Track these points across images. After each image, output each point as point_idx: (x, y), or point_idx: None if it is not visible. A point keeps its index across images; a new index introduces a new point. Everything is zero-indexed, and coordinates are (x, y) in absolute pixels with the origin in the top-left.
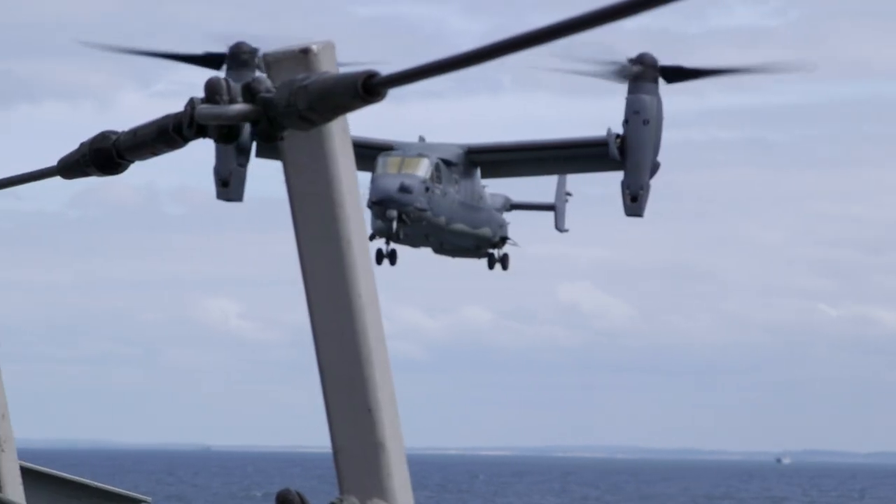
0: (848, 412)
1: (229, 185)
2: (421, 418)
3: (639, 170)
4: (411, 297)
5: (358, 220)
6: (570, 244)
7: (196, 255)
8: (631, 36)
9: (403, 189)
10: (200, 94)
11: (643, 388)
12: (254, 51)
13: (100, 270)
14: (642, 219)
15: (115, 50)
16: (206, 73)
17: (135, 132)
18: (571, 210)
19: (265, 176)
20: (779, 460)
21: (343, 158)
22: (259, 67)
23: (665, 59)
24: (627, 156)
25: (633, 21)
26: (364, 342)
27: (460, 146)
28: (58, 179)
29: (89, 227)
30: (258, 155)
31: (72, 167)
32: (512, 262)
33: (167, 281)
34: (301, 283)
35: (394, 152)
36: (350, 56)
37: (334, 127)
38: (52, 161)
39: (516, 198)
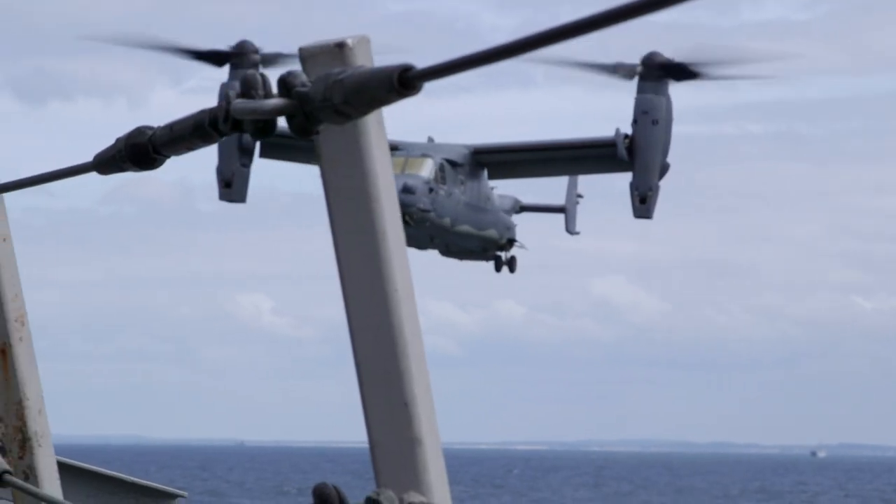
0: (883, 405)
1: (232, 185)
2: (455, 413)
3: (648, 171)
4: (444, 291)
5: (393, 213)
6: (602, 239)
7: (229, 250)
8: (661, 30)
9: (406, 190)
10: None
11: (677, 382)
12: (257, 50)
13: (133, 267)
14: (675, 213)
15: (117, 43)
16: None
17: (171, 127)
18: (604, 204)
19: (306, 174)
20: (814, 454)
21: (378, 152)
22: (259, 65)
23: (695, 54)
24: (636, 157)
25: (663, 15)
26: (400, 336)
27: (466, 146)
28: (90, 176)
29: (122, 223)
30: (262, 155)
31: (107, 162)
32: (543, 256)
33: (201, 277)
34: (337, 277)
35: (397, 153)
36: (382, 51)
37: (370, 121)
38: (85, 157)
39: (526, 199)
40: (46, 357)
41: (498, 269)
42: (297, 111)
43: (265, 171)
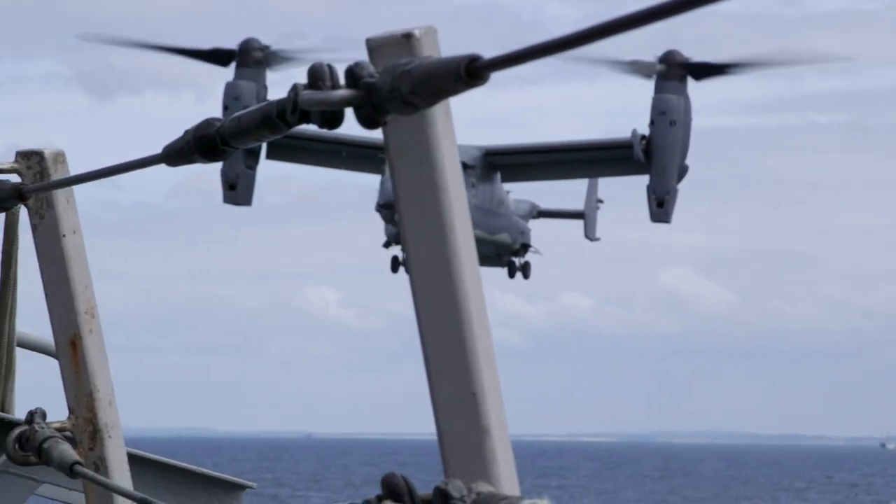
0: None
1: (237, 188)
2: (521, 405)
3: (665, 173)
4: (511, 284)
5: (461, 205)
6: (669, 230)
7: (297, 243)
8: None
9: None
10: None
11: (744, 374)
12: (264, 48)
13: (200, 260)
14: (742, 204)
15: (119, 44)
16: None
17: (238, 119)
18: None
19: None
20: (883, 445)
21: (446, 143)
22: (268, 64)
23: (760, 45)
24: (653, 158)
25: (728, 5)
26: (468, 328)
27: (478, 148)
28: (157, 171)
29: (189, 217)
30: (269, 157)
31: (176, 154)
32: (610, 248)
33: (268, 270)
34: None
35: None
36: (449, 42)
37: (437, 111)
38: (153, 150)
39: (545, 205)
40: (114, 350)
41: (511, 274)
42: (365, 102)
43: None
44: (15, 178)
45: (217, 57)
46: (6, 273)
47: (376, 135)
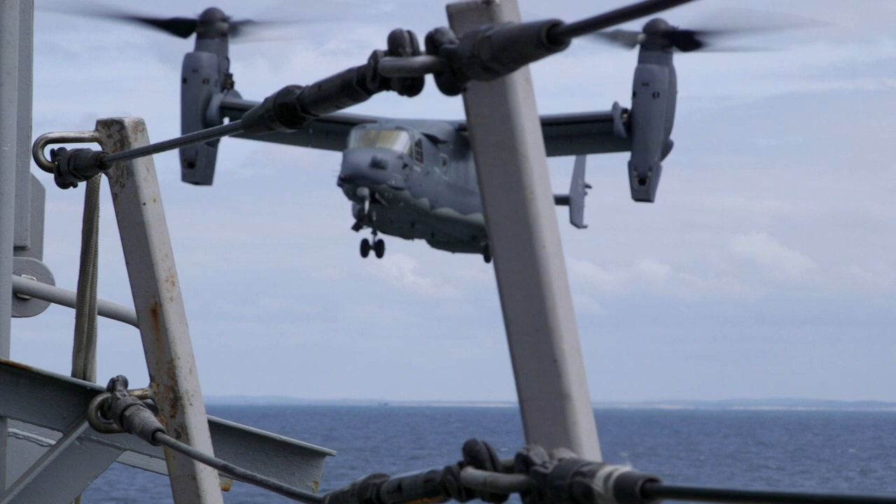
0: None
1: (196, 165)
2: (597, 372)
3: (647, 149)
4: (586, 251)
5: (542, 170)
6: (745, 196)
7: None
8: None
9: (375, 164)
10: (369, 51)
11: (821, 340)
12: (226, 18)
13: (276, 229)
14: (819, 169)
15: (78, 14)
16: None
17: (319, 86)
18: (745, 159)
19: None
20: None
21: (526, 108)
22: (228, 34)
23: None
24: (635, 133)
25: None
26: (549, 293)
27: (451, 122)
28: (231, 140)
29: (264, 185)
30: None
31: (256, 122)
32: (686, 214)
33: (342, 237)
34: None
35: (369, 125)
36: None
37: (517, 77)
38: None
39: None
40: (190, 318)
41: (487, 259)
42: (445, 68)
43: None
44: (95, 147)
45: (177, 27)
46: (87, 241)
47: (344, 111)
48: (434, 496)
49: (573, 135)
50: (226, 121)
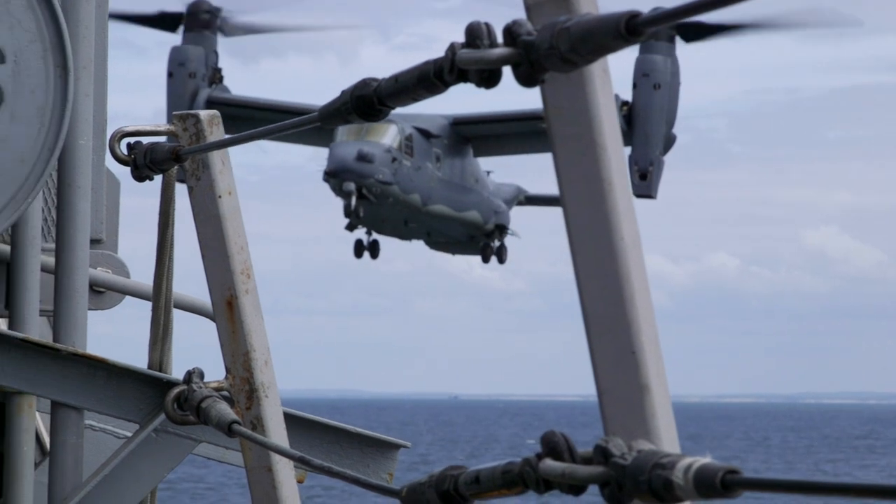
0: None
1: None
2: (667, 366)
3: (648, 143)
4: (655, 244)
5: (620, 162)
6: (815, 189)
7: None
8: None
9: (362, 157)
10: (440, 46)
11: (893, 333)
12: (215, 10)
13: (344, 222)
14: (889, 162)
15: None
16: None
17: (396, 78)
18: (815, 152)
19: None
20: None
21: (604, 99)
22: (220, 29)
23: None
24: (635, 127)
25: None
26: (627, 284)
27: (445, 117)
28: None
29: None
30: None
31: (332, 115)
32: (756, 207)
33: None
34: (562, 228)
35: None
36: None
37: (595, 69)
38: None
39: (535, 189)
40: (265, 312)
41: (486, 258)
42: (523, 60)
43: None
44: (171, 141)
45: (163, 22)
46: (163, 234)
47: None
48: (512, 487)
49: None
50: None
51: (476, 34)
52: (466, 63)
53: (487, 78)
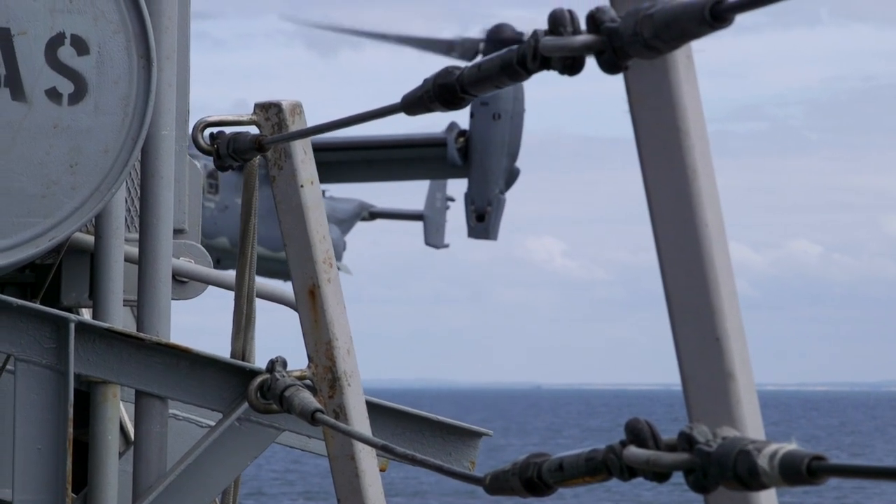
0: None
1: None
2: (751, 354)
3: (487, 180)
4: (737, 231)
5: (704, 149)
6: (894, 176)
7: (517, 194)
8: None
9: None
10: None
11: None
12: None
13: None
14: None
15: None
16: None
17: (479, 66)
18: (888, 139)
19: (591, 119)
20: None
21: (687, 86)
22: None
23: None
24: (473, 161)
25: None
26: (711, 272)
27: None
28: (379, 125)
29: None
30: None
31: (415, 103)
32: (836, 194)
33: None
34: (646, 215)
35: None
36: None
37: (678, 55)
38: (374, 104)
39: (383, 203)
40: (346, 301)
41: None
42: (606, 47)
43: (554, 115)
44: (253, 130)
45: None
46: (246, 224)
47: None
48: (596, 475)
49: (408, 159)
50: None
51: (559, 21)
52: (550, 50)
53: (571, 65)
